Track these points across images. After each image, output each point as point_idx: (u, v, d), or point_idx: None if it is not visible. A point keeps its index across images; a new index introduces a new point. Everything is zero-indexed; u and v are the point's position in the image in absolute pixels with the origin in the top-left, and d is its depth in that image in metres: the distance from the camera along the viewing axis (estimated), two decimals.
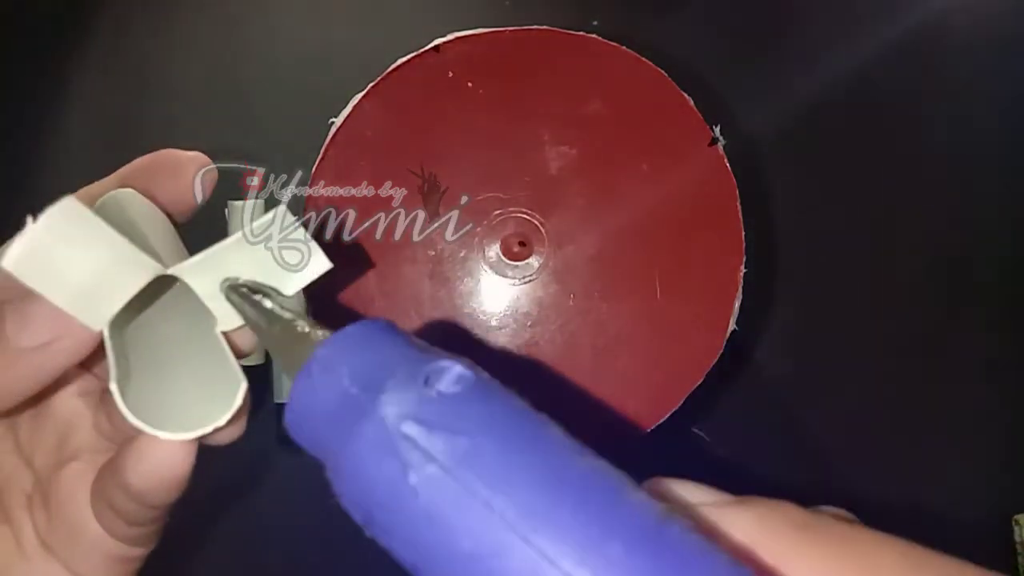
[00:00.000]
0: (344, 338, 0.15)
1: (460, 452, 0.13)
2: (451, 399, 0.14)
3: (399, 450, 0.13)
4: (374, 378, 0.14)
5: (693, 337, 0.32)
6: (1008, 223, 0.42)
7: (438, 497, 0.13)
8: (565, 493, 0.13)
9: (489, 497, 0.13)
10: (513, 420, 0.14)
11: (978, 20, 0.42)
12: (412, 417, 0.14)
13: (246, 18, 0.43)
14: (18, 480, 0.21)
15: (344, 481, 0.14)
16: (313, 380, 0.15)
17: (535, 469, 0.13)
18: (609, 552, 0.12)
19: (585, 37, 0.33)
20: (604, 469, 0.13)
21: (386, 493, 0.13)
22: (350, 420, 0.14)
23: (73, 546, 0.21)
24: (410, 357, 0.15)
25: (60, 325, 0.18)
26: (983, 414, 0.41)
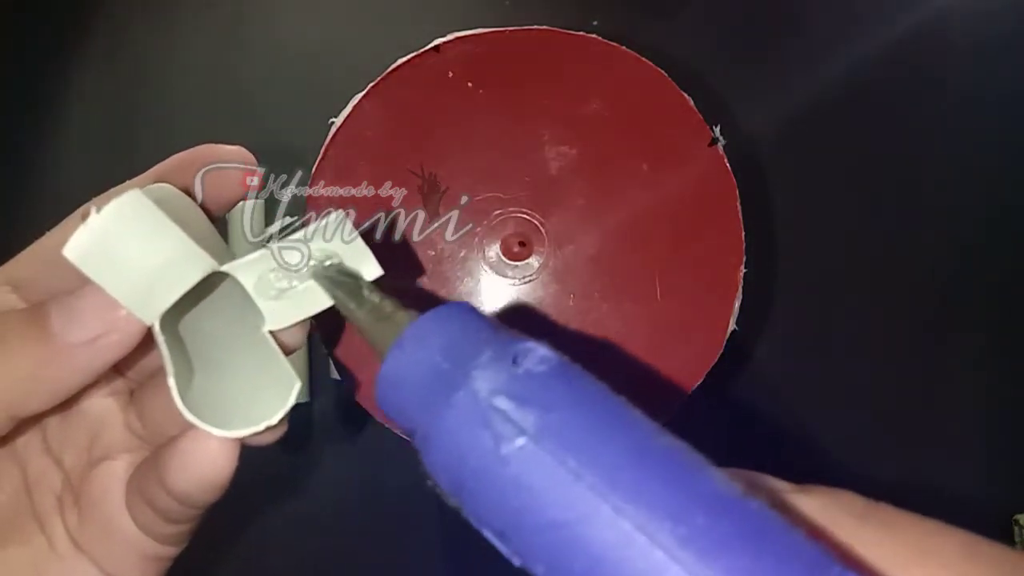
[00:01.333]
0: (436, 317, 0.16)
1: (549, 426, 0.14)
2: (539, 376, 0.15)
3: (491, 422, 0.14)
4: (465, 355, 0.15)
5: (693, 337, 0.32)
6: (1009, 223, 0.42)
7: (528, 467, 0.14)
8: (650, 465, 0.13)
9: (578, 468, 0.13)
10: (597, 398, 0.15)
11: (978, 20, 0.42)
12: (503, 391, 0.14)
13: (246, 18, 0.43)
14: (48, 480, 0.21)
15: (435, 450, 0.15)
16: (406, 354, 0.16)
17: (620, 442, 0.14)
18: (694, 521, 0.13)
19: (585, 37, 0.33)
20: (685, 447, 0.14)
21: (477, 462, 0.14)
22: (442, 393, 0.15)
23: (106, 545, 0.21)
24: (496, 338, 0.16)
25: (108, 319, 0.18)
26: (983, 414, 0.41)
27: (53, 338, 0.18)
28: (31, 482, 0.21)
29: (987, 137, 0.42)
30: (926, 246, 0.42)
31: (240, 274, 0.19)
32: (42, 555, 0.21)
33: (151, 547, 0.21)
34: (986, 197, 0.42)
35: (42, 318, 0.18)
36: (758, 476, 0.15)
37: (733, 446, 0.40)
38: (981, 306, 0.41)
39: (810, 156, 0.42)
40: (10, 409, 0.18)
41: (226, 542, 0.39)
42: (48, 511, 0.21)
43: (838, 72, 0.42)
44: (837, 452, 0.40)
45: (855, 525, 0.14)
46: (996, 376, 0.41)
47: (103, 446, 0.21)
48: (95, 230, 0.17)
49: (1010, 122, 0.42)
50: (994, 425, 0.41)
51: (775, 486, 0.15)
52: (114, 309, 0.18)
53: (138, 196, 0.17)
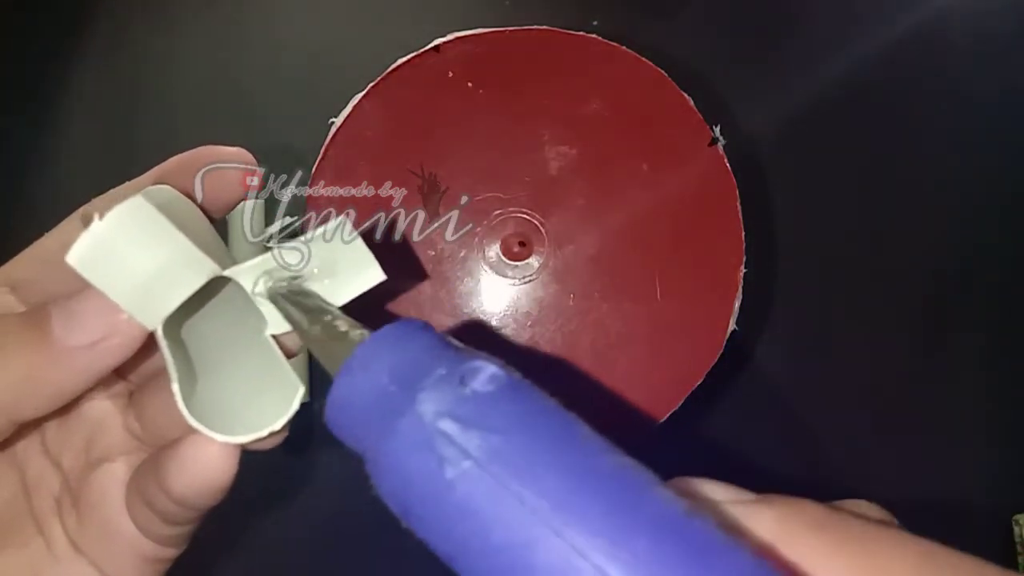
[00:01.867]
0: (383, 337, 0.16)
1: (493, 448, 0.14)
2: (485, 397, 0.14)
3: (436, 446, 0.14)
4: (412, 376, 0.15)
5: (693, 337, 0.32)
6: (1009, 223, 0.42)
7: (473, 491, 0.14)
8: (594, 488, 0.13)
9: (521, 491, 0.13)
10: (544, 418, 0.14)
11: (978, 20, 0.42)
12: (448, 414, 0.14)
13: (246, 18, 0.43)
14: (46, 482, 0.21)
15: (382, 474, 0.15)
16: (354, 377, 0.16)
17: (565, 465, 0.14)
18: (636, 546, 0.12)
19: (585, 37, 0.33)
20: (631, 466, 0.14)
21: (423, 486, 0.14)
22: (389, 416, 0.15)
23: (105, 547, 0.20)
24: (446, 357, 0.15)
25: (109, 323, 0.18)
26: (983, 414, 0.41)
27: (53, 342, 0.18)
28: (30, 484, 0.21)
29: (987, 137, 0.42)
30: (926, 246, 0.41)
31: (242, 278, 0.19)
32: (40, 558, 0.20)
33: (150, 549, 0.21)
34: (986, 197, 0.42)
35: (42, 321, 0.18)
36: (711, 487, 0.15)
37: (733, 446, 0.40)
38: (981, 306, 0.41)
39: (810, 156, 0.42)
40: (10, 413, 0.18)
41: (226, 542, 0.39)
42: (47, 513, 0.21)
43: (838, 72, 0.42)
44: (837, 452, 0.40)
45: (813, 537, 0.14)
46: (996, 376, 0.41)
47: (102, 448, 0.21)
48: (97, 236, 0.17)
49: (1010, 122, 0.42)
50: (994, 425, 0.41)
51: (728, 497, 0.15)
52: (115, 312, 0.18)
53: (140, 202, 0.17)
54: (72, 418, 0.21)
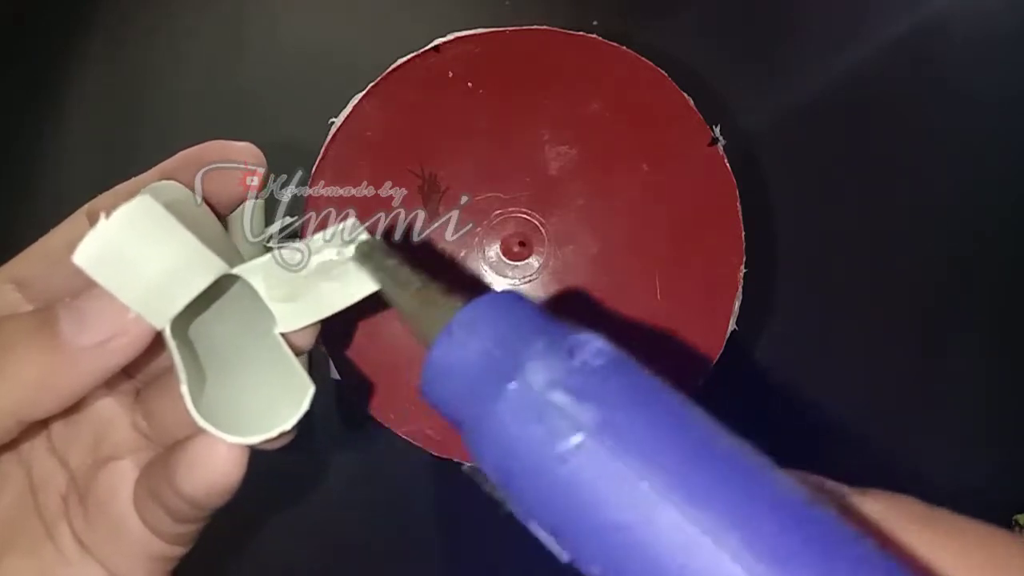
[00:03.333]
0: (487, 303, 0.16)
1: (609, 422, 0.13)
2: (596, 371, 0.14)
3: (546, 416, 0.13)
4: (518, 344, 0.15)
5: (693, 337, 0.32)
6: (1009, 222, 0.42)
7: (586, 465, 0.13)
8: (715, 467, 0.13)
9: (640, 467, 0.13)
10: (657, 395, 0.14)
11: (978, 20, 0.42)
12: (560, 384, 0.14)
13: (246, 18, 0.43)
14: (53, 481, 0.21)
15: (484, 443, 0.14)
16: (455, 340, 0.15)
17: (684, 443, 0.13)
18: (763, 528, 0.12)
19: (585, 37, 0.33)
20: (749, 449, 0.13)
21: (531, 458, 0.13)
22: (494, 383, 0.14)
23: (114, 545, 0.20)
24: (550, 328, 0.15)
25: (117, 323, 0.18)
26: (983, 414, 0.41)
27: (62, 342, 0.18)
28: (36, 484, 0.21)
29: (987, 137, 0.42)
30: (926, 246, 0.42)
31: (251, 276, 0.19)
32: (47, 557, 0.20)
33: (159, 547, 0.21)
34: (986, 196, 0.42)
35: (51, 322, 0.18)
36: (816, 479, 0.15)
37: None
38: (982, 306, 0.41)
39: (810, 156, 0.42)
40: (19, 414, 0.18)
41: (226, 542, 0.39)
42: (54, 512, 0.21)
43: (838, 72, 0.42)
44: (837, 452, 0.40)
45: (918, 531, 0.14)
46: (996, 376, 0.41)
47: (109, 446, 0.21)
48: (104, 236, 0.17)
49: (1010, 122, 0.42)
50: (994, 425, 0.41)
51: (835, 489, 0.15)
52: (123, 312, 0.18)
53: (148, 201, 0.17)
54: (79, 416, 0.21)
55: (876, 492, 0.14)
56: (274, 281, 0.19)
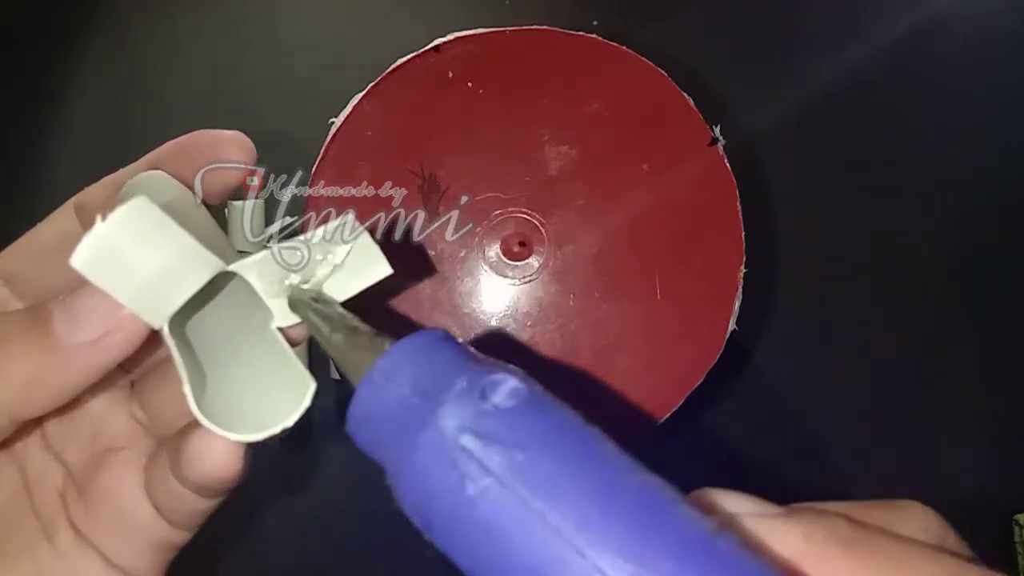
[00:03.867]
0: (406, 348, 0.16)
1: (515, 465, 0.13)
2: (506, 413, 0.14)
3: (457, 462, 0.14)
4: (434, 389, 0.15)
5: (693, 337, 0.32)
6: (1008, 223, 0.42)
7: (495, 509, 0.13)
8: (618, 507, 0.13)
9: (544, 510, 0.13)
10: (567, 434, 0.14)
11: (978, 20, 0.42)
12: (470, 430, 0.14)
13: (246, 18, 0.43)
14: (49, 477, 0.21)
15: (404, 488, 0.15)
16: (376, 388, 0.16)
17: (589, 483, 0.13)
18: (662, 568, 0.12)
19: (585, 37, 0.33)
20: (656, 484, 0.14)
21: (445, 502, 0.14)
22: (411, 429, 0.15)
23: (118, 534, 0.20)
24: (468, 369, 0.15)
25: (111, 320, 0.18)
26: (983, 414, 0.41)
27: (56, 340, 0.18)
28: (31, 480, 0.21)
29: (987, 137, 0.42)
30: (926, 245, 0.41)
31: (247, 272, 0.19)
32: (42, 555, 0.20)
33: (165, 533, 0.21)
34: (986, 197, 0.42)
35: (44, 319, 0.18)
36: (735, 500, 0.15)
37: (733, 446, 0.40)
38: (982, 306, 0.41)
39: (810, 156, 0.42)
40: (12, 412, 0.18)
41: (225, 541, 0.39)
42: (50, 509, 0.21)
43: (838, 72, 0.42)
44: (837, 452, 0.40)
45: (842, 556, 0.14)
46: (996, 376, 0.41)
47: (107, 438, 0.21)
48: (101, 238, 0.17)
49: (1010, 122, 0.42)
50: (994, 425, 0.41)
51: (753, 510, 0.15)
52: (117, 308, 0.18)
53: (144, 202, 0.17)
54: (74, 412, 0.21)
55: (801, 511, 0.14)
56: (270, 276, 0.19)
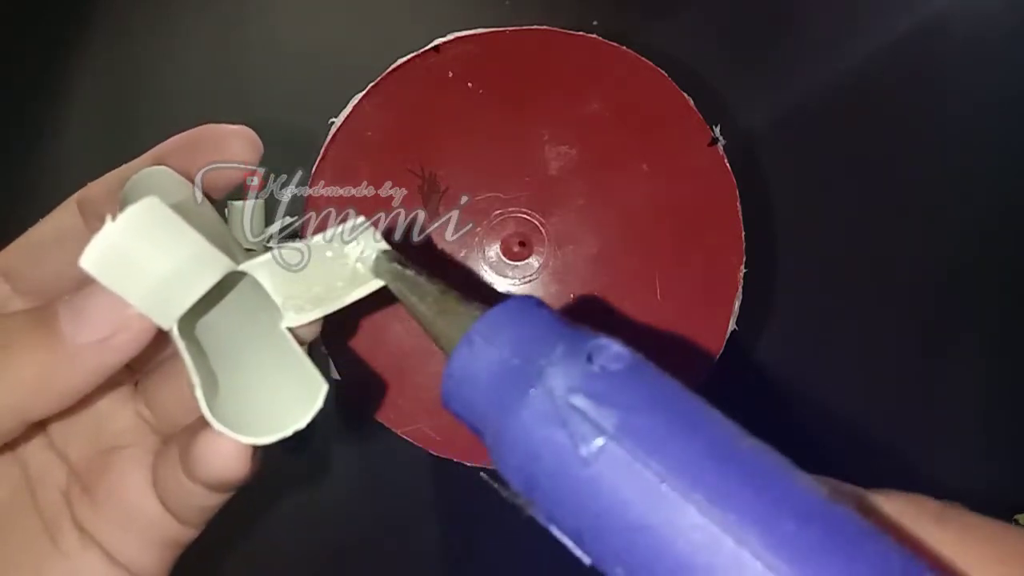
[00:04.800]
0: (504, 311, 0.16)
1: (631, 426, 0.13)
2: (616, 375, 0.14)
3: (568, 421, 0.14)
4: (537, 351, 0.15)
5: (693, 337, 0.32)
6: (1009, 223, 0.42)
7: (609, 468, 0.13)
8: (736, 467, 0.13)
9: (661, 469, 0.13)
10: (677, 397, 0.14)
11: (978, 20, 0.42)
12: (580, 389, 0.14)
13: (246, 18, 0.43)
14: (51, 476, 0.21)
15: (507, 449, 0.14)
16: (475, 349, 0.15)
17: (704, 444, 0.13)
18: (783, 527, 0.12)
19: (585, 37, 0.33)
20: (769, 449, 0.14)
21: (554, 462, 0.14)
22: (515, 390, 0.14)
23: (125, 531, 0.20)
24: (567, 333, 0.15)
25: (117, 319, 0.18)
26: (983, 414, 0.41)
27: (62, 340, 0.18)
28: (33, 479, 0.21)
29: (987, 137, 0.42)
30: (926, 246, 0.41)
31: (258, 272, 0.19)
32: (43, 553, 0.20)
33: (173, 530, 0.21)
34: (986, 197, 0.42)
35: (50, 320, 0.18)
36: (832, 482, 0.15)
37: None
38: (982, 306, 0.41)
39: (810, 156, 0.42)
40: (21, 414, 0.18)
41: (225, 542, 0.39)
42: (53, 507, 0.21)
43: (838, 72, 0.42)
44: (837, 452, 0.40)
45: (934, 528, 0.14)
46: (996, 376, 0.41)
47: (112, 436, 0.21)
48: (110, 238, 0.16)
49: (1010, 122, 0.42)
50: (994, 425, 0.41)
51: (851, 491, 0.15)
52: (124, 307, 0.17)
53: (154, 203, 0.17)
54: (78, 410, 0.21)
55: (890, 491, 0.15)
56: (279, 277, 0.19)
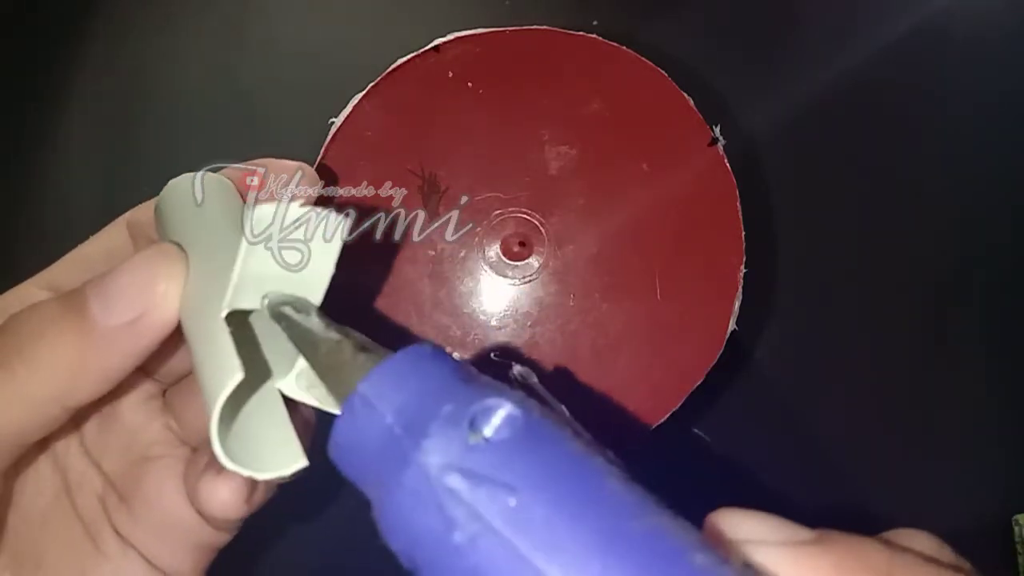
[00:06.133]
0: (389, 370, 0.15)
1: (508, 511, 0.12)
2: (498, 447, 0.13)
3: (443, 505, 0.12)
4: (418, 418, 0.13)
5: (693, 337, 0.32)
6: (1010, 223, 0.42)
7: (485, 560, 0.12)
8: (623, 560, 0.12)
9: (541, 563, 0.12)
10: (566, 471, 0.13)
11: (978, 20, 0.42)
12: (456, 468, 0.13)
13: (246, 18, 0.43)
14: (88, 482, 0.22)
15: (389, 527, 0.14)
16: (356, 416, 0.14)
17: (591, 530, 0.12)
18: None
19: (585, 37, 0.33)
20: (666, 528, 0.12)
21: (430, 548, 0.13)
22: (394, 465, 0.13)
23: (162, 538, 0.21)
24: (457, 393, 0.14)
25: (144, 299, 0.18)
26: (983, 414, 0.41)
27: (93, 324, 0.18)
28: (72, 485, 0.21)
29: (987, 137, 0.42)
30: (926, 246, 0.41)
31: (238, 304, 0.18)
32: (86, 555, 0.21)
33: (208, 536, 0.21)
34: (986, 197, 0.42)
35: (81, 304, 0.18)
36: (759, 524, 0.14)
37: (733, 446, 0.40)
38: (982, 306, 0.41)
39: (810, 156, 0.42)
40: (63, 400, 0.18)
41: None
42: (92, 512, 0.21)
43: (838, 72, 0.42)
44: (837, 452, 0.40)
45: None
46: (996, 376, 0.41)
47: (141, 446, 0.22)
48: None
49: (1010, 122, 0.42)
50: (994, 425, 0.40)
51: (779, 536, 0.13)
52: (150, 285, 0.18)
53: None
54: (110, 421, 0.22)
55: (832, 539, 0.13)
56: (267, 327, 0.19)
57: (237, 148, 0.40)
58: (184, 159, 0.24)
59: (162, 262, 0.18)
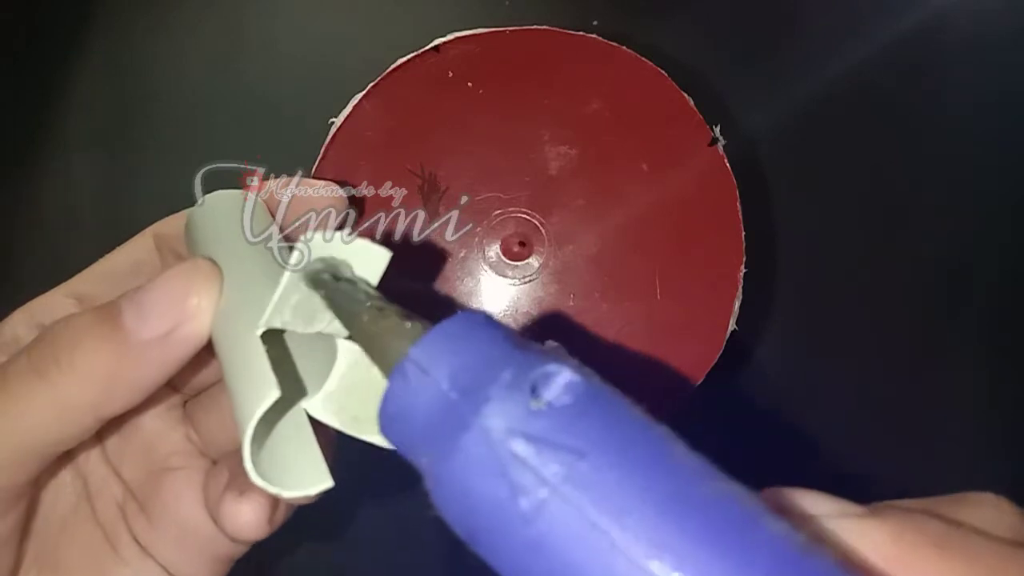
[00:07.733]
0: (442, 335, 0.14)
1: (577, 475, 0.12)
2: (562, 412, 0.12)
3: (508, 471, 0.12)
4: (476, 382, 0.13)
5: (693, 337, 0.32)
6: (1008, 223, 0.42)
7: (553, 525, 0.12)
8: (698, 522, 0.11)
9: (611, 527, 0.11)
10: (633, 435, 0.12)
11: (978, 20, 0.42)
12: (521, 433, 0.12)
13: (246, 18, 0.43)
14: (108, 490, 0.22)
15: (444, 497, 0.13)
16: (408, 383, 0.14)
17: (662, 494, 0.12)
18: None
19: (585, 37, 0.33)
20: (736, 493, 0.12)
21: (492, 516, 0.12)
22: (451, 430, 0.13)
23: (180, 548, 0.21)
24: (514, 359, 0.13)
25: (178, 312, 0.18)
26: (983, 414, 0.41)
27: (127, 336, 0.18)
28: (93, 492, 0.22)
29: (987, 137, 0.42)
30: (926, 246, 0.41)
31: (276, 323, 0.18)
32: (106, 560, 0.21)
33: (226, 547, 0.21)
34: (986, 196, 0.42)
35: (115, 316, 0.18)
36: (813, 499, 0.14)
37: (733, 446, 0.40)
38: (982, 306, 0.41)
39: (810, 156, 0.42)
40: (97, 410, 0.18)
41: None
42: (112, 519, 0.22)
43: (838, 72, 0.42)
44: (837, 452, 0.40)
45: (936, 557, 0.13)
46: (998, 375, 0.41)
47: (160, 456, 0.22)
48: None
49: (1010, 122, 0.42)
50: (994, 425, 0.41)
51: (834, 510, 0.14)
52: (184, 299, 0.18)
53: None
54: (131, 430, 0.22)
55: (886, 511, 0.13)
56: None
57: (237, 148, 0.40)
58: (184, 159, 0.24)
59: (196, 276, 0.18)
